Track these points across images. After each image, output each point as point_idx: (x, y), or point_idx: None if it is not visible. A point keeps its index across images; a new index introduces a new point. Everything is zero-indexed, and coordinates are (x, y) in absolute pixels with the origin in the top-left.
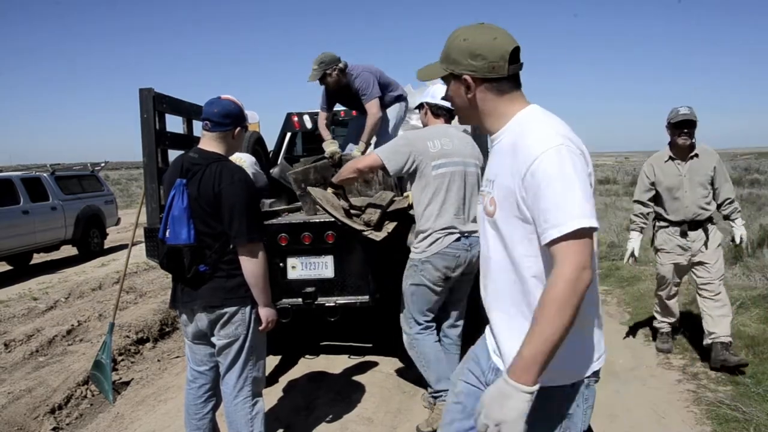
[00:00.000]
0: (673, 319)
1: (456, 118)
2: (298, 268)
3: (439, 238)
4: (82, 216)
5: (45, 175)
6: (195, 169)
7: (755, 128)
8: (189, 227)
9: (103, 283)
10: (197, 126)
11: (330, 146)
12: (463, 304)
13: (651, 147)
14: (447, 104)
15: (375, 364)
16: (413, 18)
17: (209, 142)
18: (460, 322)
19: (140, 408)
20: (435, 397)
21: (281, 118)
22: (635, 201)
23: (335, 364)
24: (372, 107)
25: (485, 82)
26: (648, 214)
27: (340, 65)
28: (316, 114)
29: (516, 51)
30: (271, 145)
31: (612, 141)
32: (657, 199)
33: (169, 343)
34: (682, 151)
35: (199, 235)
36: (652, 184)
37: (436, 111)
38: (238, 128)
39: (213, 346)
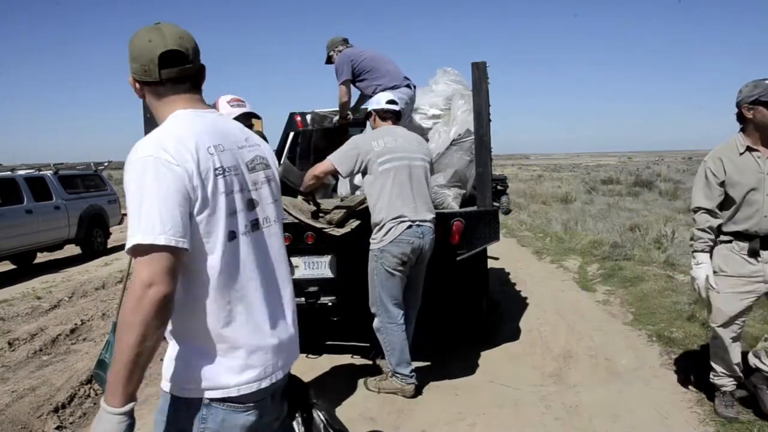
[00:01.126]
0: (738, 371)
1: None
2: (300, 268)
3: (392, 227)
4: (85, 215)
5: (48, 174)
6: None
7: None
8: None
9: (107, 282)
10: None
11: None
12: (418, 292)
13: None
14: (393, 107)
15: (377, 363)
16: (414, 18)
17: None
18: (417, 304)
19: (143, 407)
20: (395, 374)
21: (284, 118)
22: (698, 209)
23: (338, 363)
24: (339, 89)
25: (146, 85)
26: (716, 227)
27: (339, 48)
28: (320, 114)
29: (168, 54)
30: (273, 145)
31: (615, 141)
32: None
33: None
34: None
35: None
36: (721, 184)
37: (383, 114)
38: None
39: None
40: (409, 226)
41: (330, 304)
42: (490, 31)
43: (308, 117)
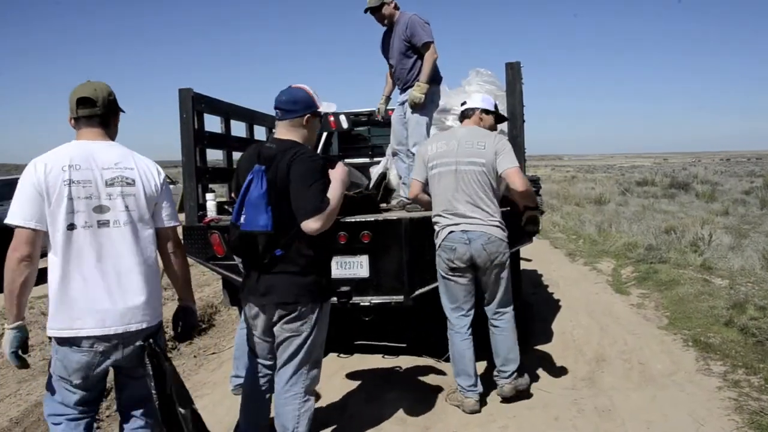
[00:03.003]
0: None
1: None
2: (333, 268)
3: (439, 231)
4: None
5: None
6: (272, 156)
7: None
8: (267, 213)
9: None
10: (235, 126)
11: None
12: (498, 296)
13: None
14: (461, 107)
15: (409, 364)
16: (447, 18)
17: (283, 131)
18: (504, 310)
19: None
20: (459, 389)
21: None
22: None
23: (369, 363)
24: (429, 47)
25: (72, 120)
26: None
27: (396, 2)
28: (353, 114)
29: (81, 100)
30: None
31: (650, 142)
32: None
33: (205, 340)
34: None
35: (275, 223)
36: None
37: (461, 116)
38: (308, 115)
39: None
40: (451, 232)
41: (364, 304)
42: (522, 31)
43: (341, 117)
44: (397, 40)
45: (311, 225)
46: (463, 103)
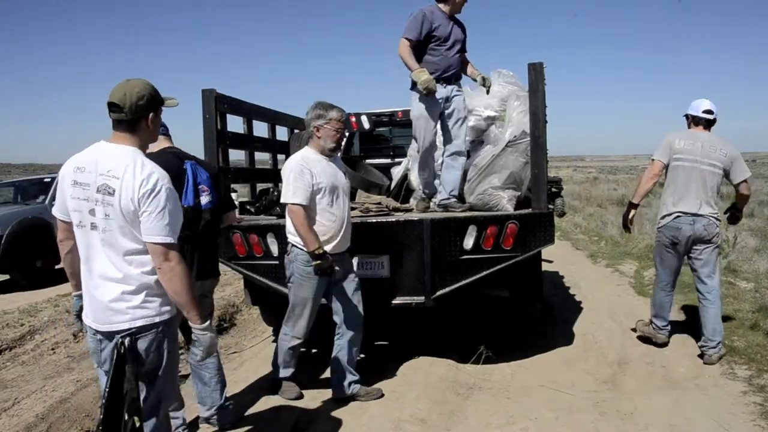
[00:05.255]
0: None
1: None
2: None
3: (667, 213)
4: None
5: None
6: None
7: None
8: None
9: None
10: (257, 126)
11: (421, 74)
12: (707, 267)
13: None
14: (708, 116)
15: (429, 365)
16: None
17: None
18: (709, 281)
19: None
20: (652, 322)
21: None
22: None
23: (389, 364)
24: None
25: None
26: None
27: None
28: (374, 115)
29: (109, 104)
30: None
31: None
32: None
33: (226, 339)
34: None
35: None
36: None
37: (695, 120)
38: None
39: None
40: (678, 216)
41: (384, 305)
42: (543, 31)
43: (363, 118)
44: (461, 34)
45: None
46: (708, 111)
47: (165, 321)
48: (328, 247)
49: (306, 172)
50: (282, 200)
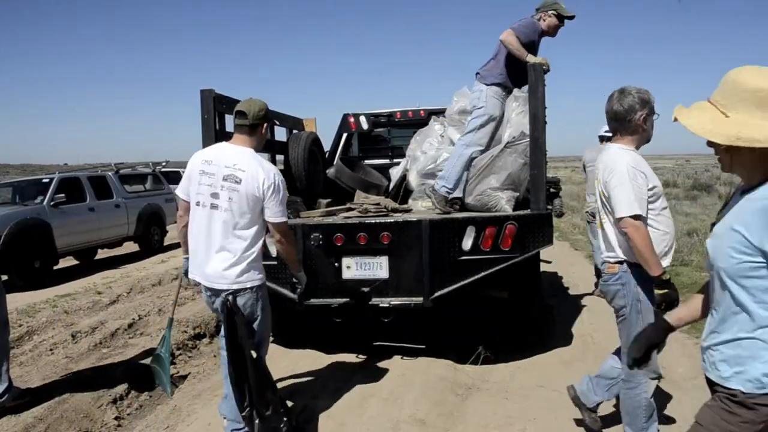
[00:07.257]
0: None
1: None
2: (352, 268)
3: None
4: (143, 213)
5: (110, 173)
6: None
7: None
8: None
9: (163, 279)
10: None
11: (538, 59)
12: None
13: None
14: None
15: (428, 365)
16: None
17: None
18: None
19: (197, 401)
20: None
21: (338, 119)
22: None
23: (388, 364)
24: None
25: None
26: None
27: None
28: (373, 115)
29: (237, 112)
30: (327, 146)
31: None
32: None
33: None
34: None
35: None
36: None
37: None
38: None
39: None
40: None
41: (383, 305)
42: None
43: (361, 118)
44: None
45: None
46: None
47: (257, 285)
48: (664, 262)
49: (639, 176)
50: (617, 215)
